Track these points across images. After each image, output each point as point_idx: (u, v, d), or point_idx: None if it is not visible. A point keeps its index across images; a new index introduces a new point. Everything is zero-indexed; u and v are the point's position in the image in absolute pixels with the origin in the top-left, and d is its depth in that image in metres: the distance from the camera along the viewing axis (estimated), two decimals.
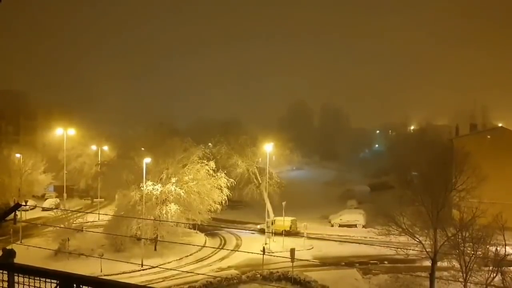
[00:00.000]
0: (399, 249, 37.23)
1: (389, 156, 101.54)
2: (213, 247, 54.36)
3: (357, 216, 66.43)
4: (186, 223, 53.82)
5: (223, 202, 54.14)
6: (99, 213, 61.87)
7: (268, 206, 61.11)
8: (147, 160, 50.00)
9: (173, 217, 49.90)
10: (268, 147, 60.71)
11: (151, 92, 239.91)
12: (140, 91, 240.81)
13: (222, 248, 54.53)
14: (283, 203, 58.18)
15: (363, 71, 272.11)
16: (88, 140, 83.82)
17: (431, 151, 54.33)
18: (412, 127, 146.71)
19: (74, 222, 52.45)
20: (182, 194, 50.69)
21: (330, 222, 67.82)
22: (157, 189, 50.20)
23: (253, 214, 66.00)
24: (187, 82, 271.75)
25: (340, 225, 65.72)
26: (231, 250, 52.54)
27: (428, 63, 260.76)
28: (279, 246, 52.47)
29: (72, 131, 73.83)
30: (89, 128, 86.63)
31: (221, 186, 54.33)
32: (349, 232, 61.83)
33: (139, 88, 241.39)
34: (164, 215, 49.72)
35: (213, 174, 54.65)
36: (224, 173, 56.09)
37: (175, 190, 50.35)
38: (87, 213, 60.59)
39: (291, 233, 56.61)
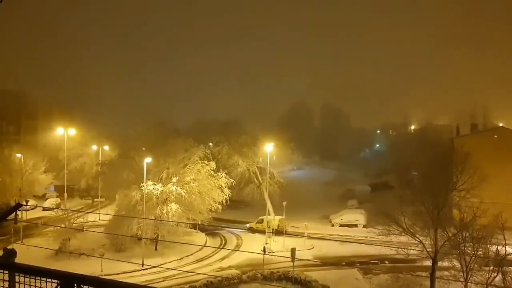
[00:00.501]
0: (399, 249, 37.19)
1: (390, 156, 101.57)
2: (214, 247, 54.42)
3: (357, 216, 66.48)
4: (187, 223, 53.76)
5: (224, 201, 54.20)
6: (99, 213, 61.84)
7: (269, 205, 61.13)
8: (147, 160, 50.13)
9: (173, 216, 49.82)
10: (268, 147, 60.72)
11: (152, 92, 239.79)
12: (141, 91, 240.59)
13: (222, 248, 54.65)
14: (284, 203, 58.29)
15: (363, 71, 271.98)
16: (88, 140, 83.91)
17: (432, 151, 54.30)
18: (412, 127, 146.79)
19: (75, 222, 52.51)
20: (183, 194, 50.76)
21: (330, 222, 67.89)
22: (158, 189, 50.20)
23: (253, 214, 65.92)
24: (188, 82, 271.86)
25: (341, 225, 65.78)
26: (232, 250, 52.67)
27: (429, 63, 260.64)
28: (280, 246, 52.53)
29: (72, 131, 73.76)
30: (89, 127, 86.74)
31: (221, 186, 54.35)
32: (350, 232, 61.89)
33: (140, 88, 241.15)
34: (165, 215, 49.71)
35: (214, 174, 54.71)
36: (225, 173, 56.17)
37: (176, 190, 50.43)
38: (88, 213, 60.80)
39: (279, 231, 56.67)
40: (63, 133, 69.16)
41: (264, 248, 44.37)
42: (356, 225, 65.05)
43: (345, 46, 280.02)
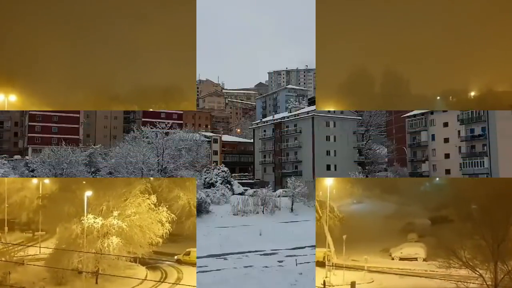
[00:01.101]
0: (459, 282, 40.03)
1: (449, 188, 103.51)
2: (154, 280, 56.53)
3: (417, 249, 67.76)
4: (128, 256, 56.25)
5: (164, 235, 57.18)
6: (40, 246, 63.73)
7: (329, 239, 63.23)
8: (88, 193, 52.10)
9: (114, 250, 52.40)
10: (328, 181, 64.02)
11: (95, 59, 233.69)
12: (83, 57, 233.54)
13: (163, 282, 56.80)
14: (344, 237, 60.75)
15: (422, 33, 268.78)
16: (28, 106, 77.53)
17: (492, 184, 56.04)
18: (472, 93, 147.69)
19: (15, 255, 55.20)
20: (125, 227, 53.39)
21: (390, 255, 69.31)
22: (98, 223, 52.60)
23: (193, 247, 65.71)
24: (134, 46, 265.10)
25: (401, 258, 67.24)
26: (172, 284, 55.61)
27: (490, 24, 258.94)
28: (340, 279, 54.81)
29: (13, 97, 70.75)
30: (32, 93, 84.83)
31: (162, 220, 57.25)
32: (410, 265, 63.54)
33: (82, 54, 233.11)
34: (106, 248, 52.08)
35: (154, 208, 57.59)
36: (166, 207, 59.25)
37: (117, 223, 53.11)
38: (28, 246, 62.63)
39: (322, 263, 59.00)
40: (4, 100, 68.15)
41: (324, 281, 47.97)
42: (416, 259, 66.44)
43: (403, 5, 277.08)
